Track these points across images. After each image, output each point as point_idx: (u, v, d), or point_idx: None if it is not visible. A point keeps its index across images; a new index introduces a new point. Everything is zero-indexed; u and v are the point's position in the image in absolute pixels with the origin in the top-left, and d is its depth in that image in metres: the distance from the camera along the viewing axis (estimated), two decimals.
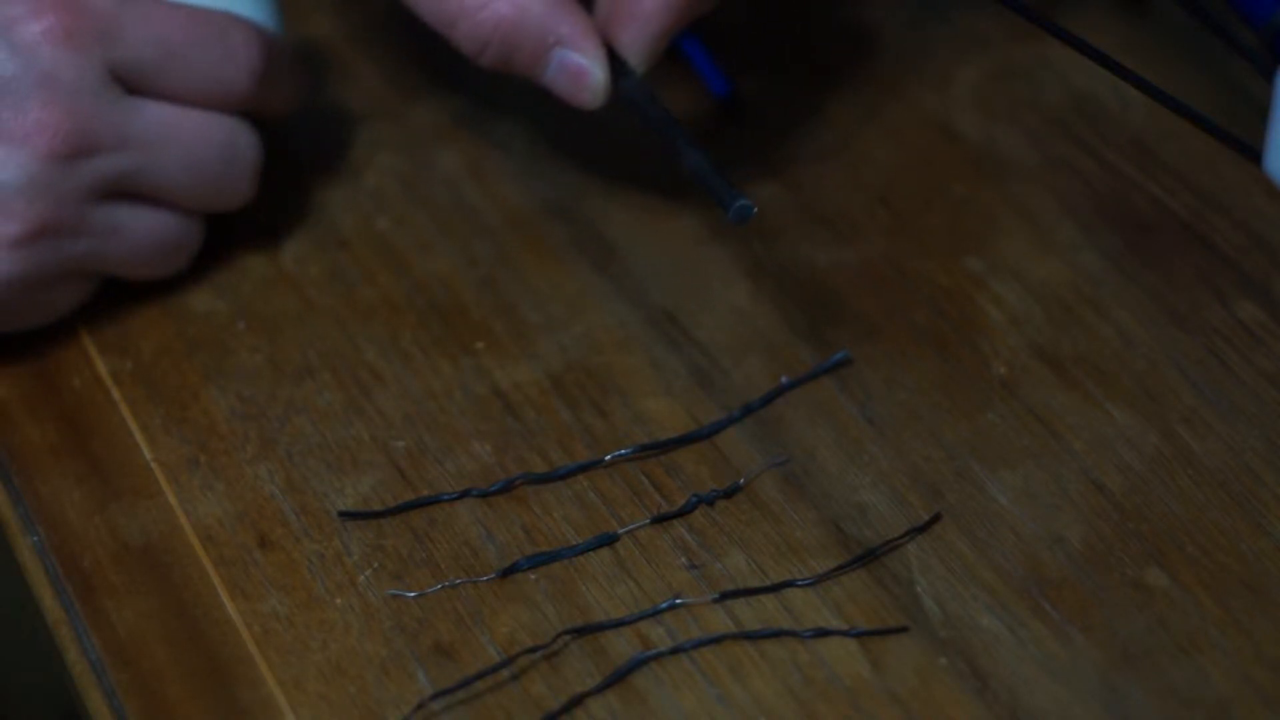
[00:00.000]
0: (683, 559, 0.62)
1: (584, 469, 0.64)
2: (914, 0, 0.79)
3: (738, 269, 0.69)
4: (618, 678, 0.59)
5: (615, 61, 0.67)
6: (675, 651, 0.59)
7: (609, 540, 0.62)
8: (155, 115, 0.66)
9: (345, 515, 0.63)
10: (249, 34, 0.67)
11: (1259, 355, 0.66)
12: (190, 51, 0.66)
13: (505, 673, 0.59)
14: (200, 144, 0.66)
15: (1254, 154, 0.60)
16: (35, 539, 0.63)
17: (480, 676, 0.59)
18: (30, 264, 0.64)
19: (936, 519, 0.62)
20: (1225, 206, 0.71)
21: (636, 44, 0.67)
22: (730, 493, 0.63)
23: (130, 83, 0.65)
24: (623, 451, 0.64)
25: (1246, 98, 0.74)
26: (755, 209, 0.62)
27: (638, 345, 0.67)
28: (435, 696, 0.58)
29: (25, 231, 0.64)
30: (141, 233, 0.67)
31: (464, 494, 0.63)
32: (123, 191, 0.66)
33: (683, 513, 0.63)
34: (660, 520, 0.63)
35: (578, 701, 0.58)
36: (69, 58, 0.64)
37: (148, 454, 0.65)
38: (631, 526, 0.62)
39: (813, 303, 0.69)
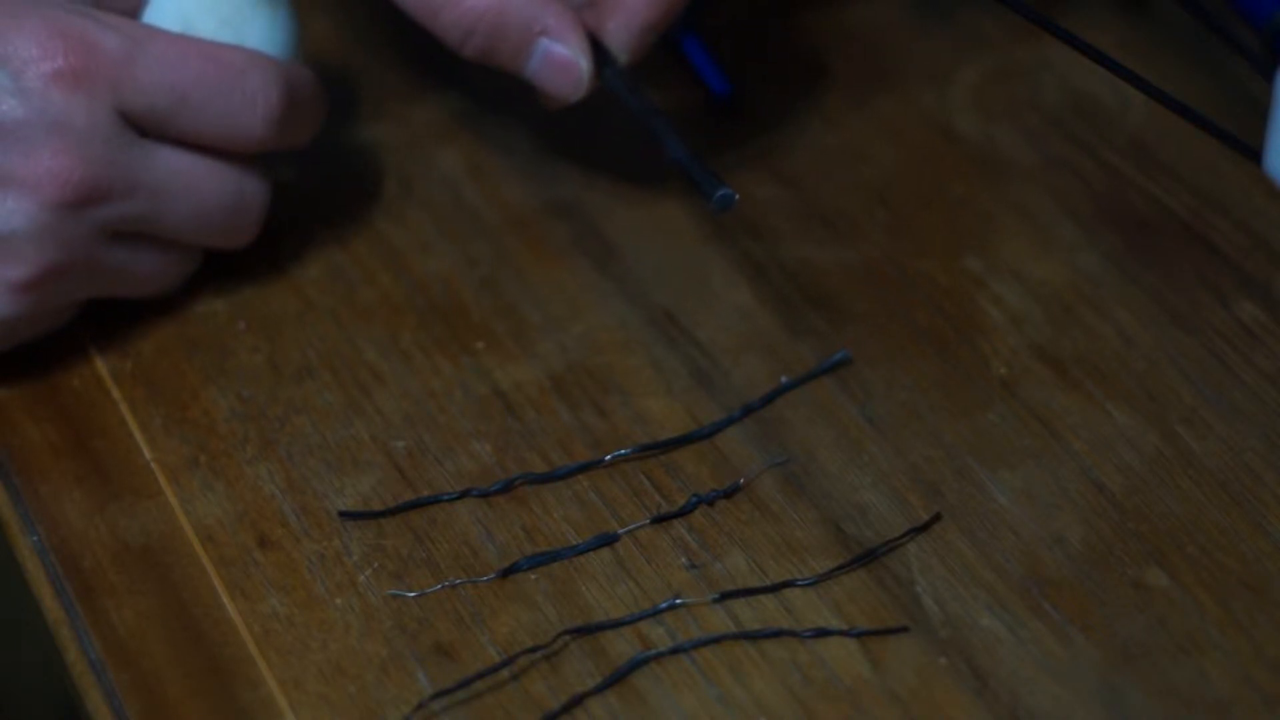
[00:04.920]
0: (683, 559, 0.62)
1: (584, 469, 0.64)
2: (914, 0, 0.79)
3: (738, 269, 0.69)
4: (618, 678, 0.59)
5: (598, 52, 0.67)
6: (675, 651, 0.59)
7: (609, 540, 0.62)
8: (166, 163, 0.65)
9: (345, 515, 0.63)
10: (268, 77, 0.65)
11: (1259, 355, 0.66)
12: (205, 99, 0.65)
13: (505, 673, 0.59)
14: (209, 193, 0.66)
15: (1254, 154, 0.60)
16: (35, 539, 0.63)
17: (480, 676, 0.59)
18: (35, 304, 0.65)
19: (936, 519, 0.62)
20: (1225, 206, 0.71)
21: (622, 34, 0.67)
22: (730, 493, 0.63)
23: (142, 126, 0.65)
24: (623, 451, 0.64)
25: (1246, 98, 0.74)
26: (737, 197, 0.63)
27: (638, 345, 0.67)
28: (435, 696, 0.58)
29: (33, 276, 0.64)
30: (144, 268, 0.67)
31: (464, 494, 0.63)
32: (129, 233, 0.66)
33: (683, 513, 0.63)
34: (660, 520, 0.63)
35: (578, 701, 0.58)
36: (80, 102, 0.63)
37: (148, 454, 0.65)
38: (631, 526, 0.62)
39: (813, 303, 0.69)
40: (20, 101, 0.63)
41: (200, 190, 0.66)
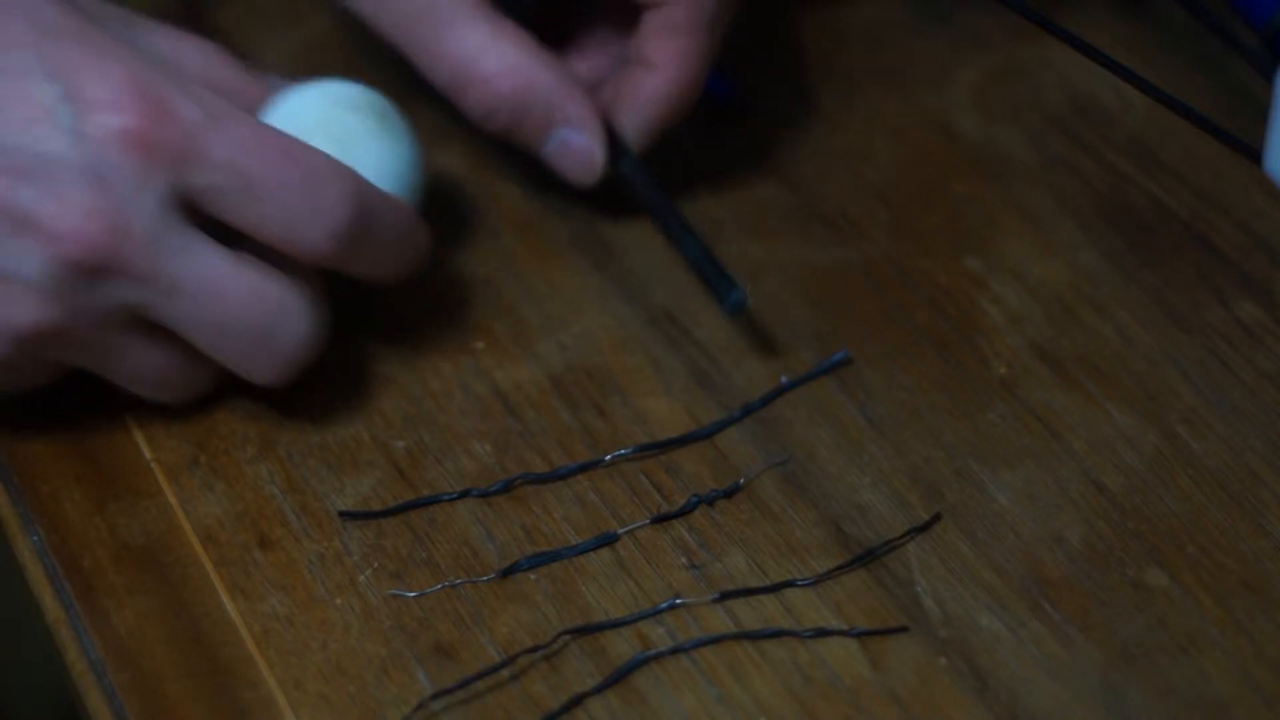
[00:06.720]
0: (683, 559, 0.62)
1: (584, 469, 0.64)
2: (914, 0, 0.79)
3: (737, 269, 0.69)
4: (618, 678, 0.59)
5: (614, 141, 0.68)
6: (675, 651, 0.59)
7: (609, 540, 0.62)
8: (201, 264, 0.60)
9: (345, 515, 0.63)
10: (346, 189, 0.61)
11: (1259, 355, 0.66)
12: (271, 192, 0.60)
13: (505, 673, 0.59)
14: (241, 310, 0.61)
15: (1254, 154, 0.60)
16: (35, 539, 0.63)
17: (480, 676, 0.59)
18: (22, 356, 0.61)
19: (936, 519, 0.62)
20: (1225, 206, 0.71)
21: (636, 127, 0.69)
22: (730, 493, 0.63)
23: (196, 206, 0.60)
24: (623, 451, 0.64)
25: (1246, 98, 0.74)
26: (750, 300, 0.65)
27: (638, 345, 0.67)
28: (435, 696, 0.58)
29: (27, 328, 0.60)
30: (147, 365, 0.62)
31: (464, 494, 0.63)
32: (140, 321, 0.61)
33: (683, 513, 0.63)
34: (660, 520, 0.63)
35: (578, 701, 0.58)
36: (135, 169, 0.59)
37: (148, 454, 0.65)
38: (631, 526, 0.62)
39: (813, 303, 0.69)
40: (72, 142, 0.58)
41: (232, 305, 0.60)
